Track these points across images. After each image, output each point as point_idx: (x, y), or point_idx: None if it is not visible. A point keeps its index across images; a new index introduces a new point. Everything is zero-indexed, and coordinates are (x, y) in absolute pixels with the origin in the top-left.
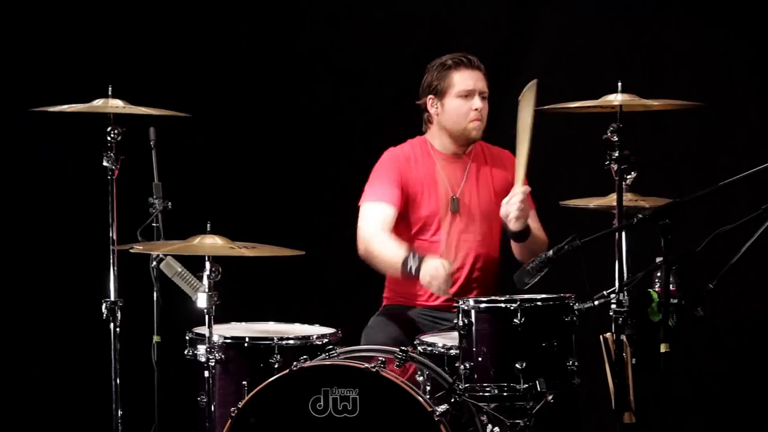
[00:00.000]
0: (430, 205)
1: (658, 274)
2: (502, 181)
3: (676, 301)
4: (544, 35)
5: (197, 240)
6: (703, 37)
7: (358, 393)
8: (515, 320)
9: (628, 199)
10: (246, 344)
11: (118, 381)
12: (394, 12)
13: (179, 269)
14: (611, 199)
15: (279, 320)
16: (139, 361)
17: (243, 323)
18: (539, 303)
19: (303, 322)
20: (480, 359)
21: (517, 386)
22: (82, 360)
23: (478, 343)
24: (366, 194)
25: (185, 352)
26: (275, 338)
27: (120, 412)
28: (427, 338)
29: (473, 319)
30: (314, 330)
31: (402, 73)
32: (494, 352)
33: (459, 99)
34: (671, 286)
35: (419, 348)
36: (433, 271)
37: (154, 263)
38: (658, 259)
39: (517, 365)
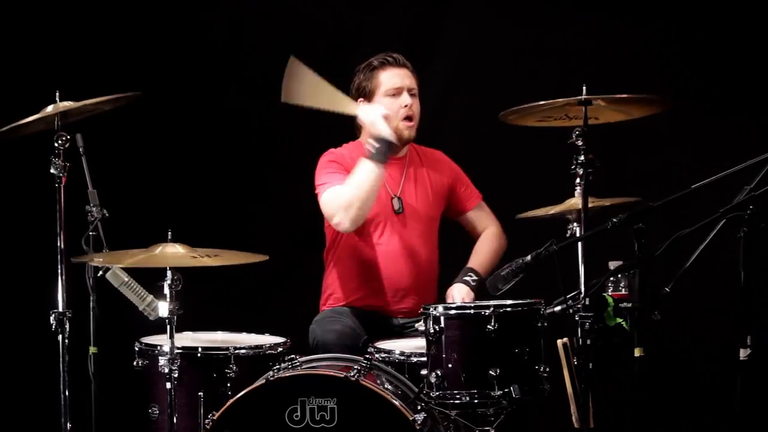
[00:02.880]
0: (374, 207)
1: (612, 279)
2: (438, 181)
3: (630, 305)
4: (449, 40)
5: (159, 249)
6: (616, 36)
7: (336, 402)
8: (489, 326)
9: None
10: (199, 354)
11: (67, 393)
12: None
13: (126, 279)
14: (569, 205)
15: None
16: (80, 373)
17: (190, 333)
18: (512, 309)
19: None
20: (450, 366)
21: (492, 393)
22: (25, 372)
23: (449, 350)
24: (324, 183)
25: (134, 363)
26: (231, 348)
27: (69, 425)
28: (383, 345)
29: (444, 326)
30: (266, 339)
31: None
32: (467, 359)
33: (388, 98)
34: (624, 290)
35: (377, 355)
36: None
37: (100, 272)
38: (611, 264)
39: (491, 372)
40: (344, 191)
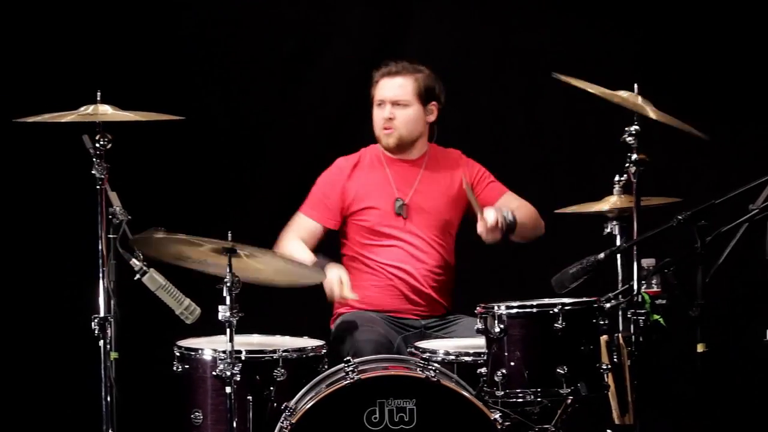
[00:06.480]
0: (380, 210)
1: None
2: (456, 182)
3: (665, 302)
4: (418, 36)
5: None
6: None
7: (415, 403)
8: (556, 324)
9: (624, 201)
10: (243, 357)
11: (109, 399)
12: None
13: (163, 282)
14: (608, 203)
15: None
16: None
17: (224, 336)
18: (578, 307)
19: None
20: (513, 364)
21: (560, 390)
22: (60, 377)
23: (514, 349)
24: (304, 203)
25: (174, 367)
26: (279, 350)
27: None
28: (424, 345)
29: (507, 324)
30: (306, 342)
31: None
32: (533, 357)
33: (376, 107)
34: (656, 287)
35: (423, 356)
36: (334, 278)
37: (137, 276)
38: (645, 262)
39: (559, 370)
40: (282, 249)
